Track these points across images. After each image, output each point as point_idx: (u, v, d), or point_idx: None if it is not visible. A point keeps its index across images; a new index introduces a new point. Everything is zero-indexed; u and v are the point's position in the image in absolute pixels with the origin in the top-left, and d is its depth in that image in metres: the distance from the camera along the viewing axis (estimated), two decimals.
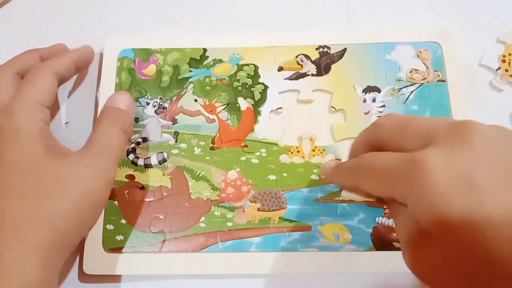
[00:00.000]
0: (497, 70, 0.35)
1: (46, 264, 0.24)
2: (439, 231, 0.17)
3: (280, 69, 0.35)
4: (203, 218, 0.32)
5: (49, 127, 0.28)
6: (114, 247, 0.32)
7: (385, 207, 0.32)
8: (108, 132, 0.28)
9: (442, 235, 0.17)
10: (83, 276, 0.32)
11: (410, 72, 0.34)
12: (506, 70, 0.34)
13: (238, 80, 0.35)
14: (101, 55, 0.36)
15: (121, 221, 0.32)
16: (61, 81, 0.31)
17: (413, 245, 0.19)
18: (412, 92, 0.34)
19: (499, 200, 0.16)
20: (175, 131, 0.34)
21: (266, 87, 0.35)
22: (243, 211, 0.32)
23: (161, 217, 0.32)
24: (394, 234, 0.31)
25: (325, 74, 0.35)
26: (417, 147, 0.19)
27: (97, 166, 0.26)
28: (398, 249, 0.31)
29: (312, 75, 0.35)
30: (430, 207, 0.17)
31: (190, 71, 0.35)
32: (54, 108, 0.32)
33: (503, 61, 0.35)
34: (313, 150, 0.33)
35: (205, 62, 0.36)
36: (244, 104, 0.35)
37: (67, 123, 0.35)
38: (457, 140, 0.18)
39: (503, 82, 0.34)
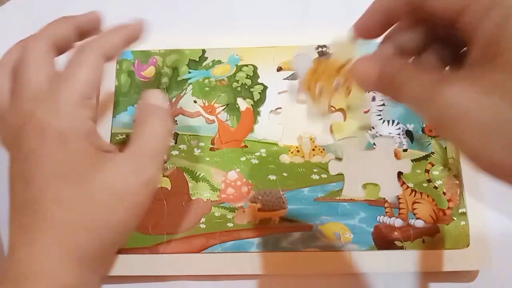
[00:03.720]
0: None
1: (85, 270, 0.23)
2: None
3: (279, 69, 0.35)
4: (203, 219, 0.32)
5: (95, 124, 0.25)
6: None
7: (386, 206, 0.32)
8: (152, 127, 0.25)
9: None
10: None
11: None
12: None
13: (237, 81, 0.35)
14: None
15: None
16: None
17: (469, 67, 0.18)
18: None
19: None
20: (175, 132, 0.34)
21: (265, 87, 0.35)
22: (244, 211, 0.32)
23: (161, 218, 0.32)
24: (396, 233, 0.31)
25: None
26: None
27: (138, 167, 0.24)
28: (400, 248, 0.31)
29: None
30: None
31: (189, 72, 0.35)
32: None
33: None
34: (313, 150, 0.33)
35: (204, 63, 0.36)
36: (243, 104, 0.35)
37: None
38: None
39: None
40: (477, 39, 0.18)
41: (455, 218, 0.31)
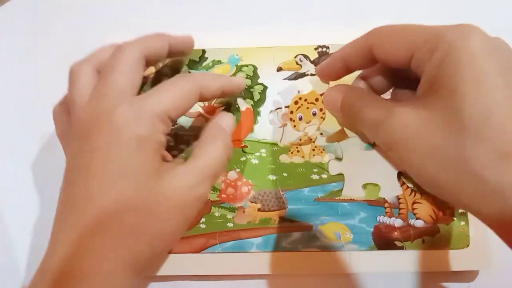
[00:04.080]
0: None
1: (137, 278, 0.23)
2: (465, 77, 0.19)
3: (279, 69, 0.35)
4: (203, 219, 0.32)
5: (165, 139, 0.25)
6: None
7: (386, 206, 0.32)
8: (215, 151, 0.26)
9: (466, 80, 0.19)
10: None
11: None
12: None
13: None
14: None
15: None
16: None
17: (398, 115, 0.21)
18: None
19: None
20: (175, 133, 0.34)
21: (265, 87, 0.35)
22: (244, 211, 0.32)
23: None
24: (396, 233, 0.31)
25: None
26: (424, 48, 0.21)
27: (195, 183, 0.24)
28: (400, 248, 0.31)
29: (311, 75, 0.35)
30: (468, 58, 0.19)
31: (189, 72, 0.35)
32: None
33: None
34: (313, 150, 0.33)
35: (204, 64, 0.36)
36: (243, 104, 0.35)
37: None
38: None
39: None
40: (424, 77, 0.22)
41: (455, 218, 0.31)
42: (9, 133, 0.37)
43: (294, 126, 0.34)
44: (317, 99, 0.34)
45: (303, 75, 0.35)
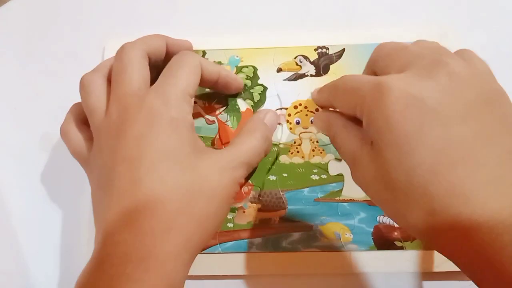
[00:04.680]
0: None
1: (191, 262, 0.23)
2: (386, 140, 0.20)
3: (279, 70, 0.35)
4: None
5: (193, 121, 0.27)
6: None
7: None
8: (252, 142, 0.27)
9: (387, 144, 0.20)
10: None
11: None
12: None
13: None
14: (103, 56, 0.37)
15: None
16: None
17: (359, 156, 0.22)
18: None
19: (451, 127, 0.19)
20: None
21: (265, 88, 0.35)
22: (244, 212, 0.32)
23: None
24: (396, 233, 0.31)
25: (324, 74, 0.35)
26: (397, 72, 0.22)
27: (232, 167, 0.25)
28: (400, 248, 0.31)
29: (311, 75, 0.35)
30: (381, 123, 0.20)
31: None
32: None
33: None
34: (313, 150, 0.33)
35: None
36: (243, 105, 0.35)
37: None
38: (425, 72, 0.20)
39: None
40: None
41: None
42: (9, 133, 0.37)
43: (290, 128, 0.34)
44: (317, 109, 0.34)
45: (303, 76, 0.35)
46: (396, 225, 0.31)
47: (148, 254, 0.21)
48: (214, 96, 0.35)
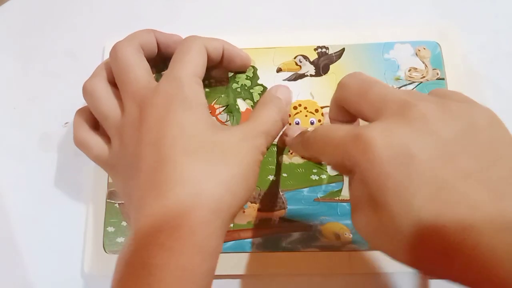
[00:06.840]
0: None
1: (224, 229, 0.23)
2: (381, 198, 0.19)
3: (279, 70, 0.35)
4: None
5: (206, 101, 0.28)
6: (115, 249, 0.31)
7: None
8: (267, 112, 0.28)
9: (382, 202, 0.19)
10: (84, 277, 0.32)
11: (409, 70, 0.34)
12: None
13: (237, 82, 0.35)
14: (102, 56, 0.37)
15: (122, 223, 0.32)
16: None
17: (360, 207, 0.21)
18: None
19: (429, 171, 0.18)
20: None
21: (265, 88, 0.35)
22: (243, 212, 0.32)
23: None
24: None
25: (324, 74, 0.35)
26: (371, 117, 0.21)
27: (250, 136, 0.26)
28: None
29: (311, 75, 0.35)
30: (374, 178, 0.19)
31: None
32: None
33: None
34: None
35: None
36: (243, 105, 0.35)
37: (67, 123, 0.36)
38: (399, 118, 0.20)
39: None
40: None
41: None
42: (9, 133, 0.37)
43: None
44: (316, 110, 0.34)
45: (302, 76, 0.35)
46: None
47: (179, 222, 0.22)
48: (213, 97, 0.35)
